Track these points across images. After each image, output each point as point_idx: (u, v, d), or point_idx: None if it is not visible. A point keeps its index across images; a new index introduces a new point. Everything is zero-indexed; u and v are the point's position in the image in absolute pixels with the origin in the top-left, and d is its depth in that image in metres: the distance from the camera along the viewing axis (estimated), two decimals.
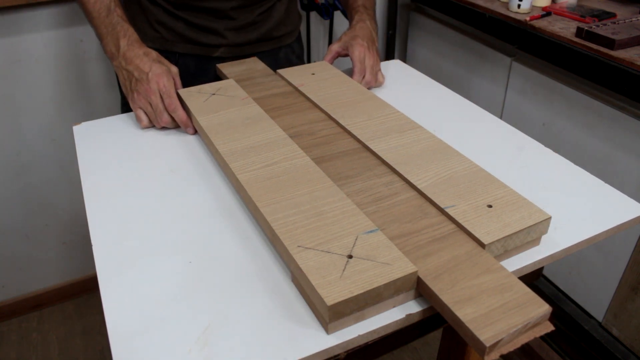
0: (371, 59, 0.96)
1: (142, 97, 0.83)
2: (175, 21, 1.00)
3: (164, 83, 0.82)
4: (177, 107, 0.82)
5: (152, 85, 0.82)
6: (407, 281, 0.51)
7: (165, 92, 0.82)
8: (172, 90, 0.83)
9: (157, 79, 0.82)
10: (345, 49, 0.99)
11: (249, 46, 1.04)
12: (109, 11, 0.89)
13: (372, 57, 0.96)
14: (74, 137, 0.83)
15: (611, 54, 1.08)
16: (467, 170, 0.66)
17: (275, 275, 0.57)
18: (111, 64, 0.89)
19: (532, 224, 0.57)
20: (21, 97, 1.39)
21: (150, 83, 0.82)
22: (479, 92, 1.54)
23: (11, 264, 1.61)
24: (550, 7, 1.33)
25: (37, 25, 1.32)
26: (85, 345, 1.59)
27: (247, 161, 0.68)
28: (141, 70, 0.83)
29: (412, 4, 1.77)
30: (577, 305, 1.41)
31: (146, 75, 0.82)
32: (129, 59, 0.85)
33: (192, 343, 0.49)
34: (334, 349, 0.49)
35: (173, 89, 0.83)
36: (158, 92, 0.82)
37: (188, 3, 0.97)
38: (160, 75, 0.82)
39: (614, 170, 1.20)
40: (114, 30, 0.87)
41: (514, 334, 0.47)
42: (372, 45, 0.98)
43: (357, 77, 0.94)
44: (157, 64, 0.84)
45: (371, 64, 0.96)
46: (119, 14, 0.89)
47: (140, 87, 0.82)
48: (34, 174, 1.51)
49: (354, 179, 0.67)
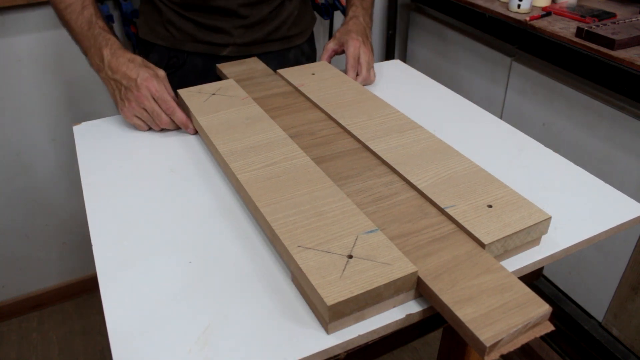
0: (366, 54, 0.96)
1: (135, 105, 0.81)
2: (184, 21, 1.00)
3: (155, 87, 0.80)
4: (174, 109, 0.81)
5: (142, 92, 0.80)
6: (407, 281, 0.51)
7: (158, 96, 0.80)
8: (165, 93, 0.81)
9: (146, 84, 0.80)
10: (341, 46, 0.99)
11: (257, 46, 1.04)
12: (91, 24, 0.86)
13: (368, 53, 0.97)
14: (74, 137, 0.83)
15: (611, 54, 1.08)
16: (467, 170, 0.66)
17: (275, 275, 0.57)
18: (99, 76, 0.86)
19: (532, 224, 0.57)
20: (21, 97, 1.39)
21: (141, 89, 0.80)
22: (479, 92, 1.54)
23: (11, 264, 1.61)
24: (550, 7, 1.33)
25: (37, 25, 1.32)
26: (85, 345, 1.59)
27: (247, 161, 0.68)
28: (129, 78, 0.81)
29: (412, 4, 1.77)
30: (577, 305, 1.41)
31: (135, 82, 0.80)
32: (114, 68, 0.82)
33: (192, 343, 0.49)
34: (334, 349, 0.49)
35: (165, 91, 0.81)
36: (151, 96, 0.80)
37: (196, 3, 0.97)
38: (149, 80, 0.80)
39: (614, 170, 1.20)
40: (96, 42, 0.85)
41: (514, 334, 0.47)
42: (366, 41, 0.98)
43: (350, 74, 0.95)
44: (144, 68, 0.82)
45: (367, 60, 0.96)
46: (101, 25, 0.87)
47: (131, 95, 0.81)
48: (34, 174, 1.51)
49: (354, 179, 0.67)
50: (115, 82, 0.83)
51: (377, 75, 1.01)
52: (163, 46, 1.01)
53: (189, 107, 0.81)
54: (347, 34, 0.98)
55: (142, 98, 0.80)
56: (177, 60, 1.02)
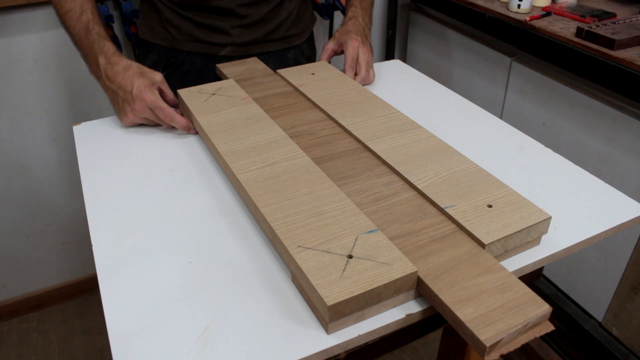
0: (365, 54, 0.96)
1: (132, 117, 0.82)
2: (183, 20, 1.00)
3: (150, 98, 0.80)
4: (173, 116, 0.81)
5: (138, 105, 0.80)
6: (407, 281, 0.51)
7: (154, 106, 0.80)
8: (161, 101, 0.81)
9: (141, 96, 0.80)
10: (340, 46, 0.99)
11: (256, 45, 1.04)
12: (88, 30, 0.86)
13: (367, 53, 0.97)
14: (74, 137, 0.83)
15: (611, 54, 1.08)
16: (467, 170, 0.66)
17: (275, 275, 0.57)
18: (99, 83, 0.87)
19: (532, 223, 0.57)
20: (21, 97, 1.39)
21: (136, 102, 0.80)
22: (479, 92, 1.54)
23: (11, 264, 1.61)
24: (550, 7, 1.33)
25: (37, 25, 1.32)
26: (85, 345, 1.59)
27: (247, 161, 0.68)
28: (125, 90, 0.81)
29: (412, 4, 1.77)
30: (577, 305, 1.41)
31: (131, 95, 0.80)
32: (110, 77, 0.82)
33: (192, 343, 0.49)
34: (334, 349, 0.49)
35: (160, 100, 0.81)
36: (148, 108, 0.81)
37: (194, 3, 0.97)
38: (144, 92, 0.80)
39: (614, 170, 1.20)
40: (92, 49, 0.85)
41: (514, 334, 0.47)
42: (365, 41, 0.98)
43: (349, 73, 0.95)
44: (139, 78, 0.81)
45: (366, 59, 0.96)
46: (97, 31, 0.86)
47: (128, 107, 0.81)
48: (34, 174, 1.51)
49: (354, 179, 0.67)
50: (113, 92, 0.83)
51: (377, 75, 1.01)
52: (162, 46, 1.01)
53: (189, 107, 0.81)
54: (346, 34, 0.98)
55: (139, 110, 0.81)
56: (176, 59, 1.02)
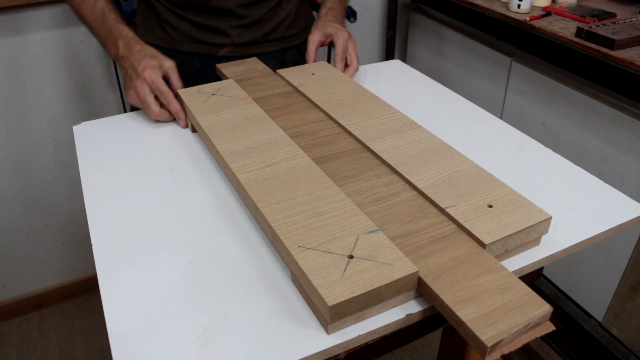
0: (353, 44, 1.00)
1: (133, 93, 0.85)
2: (181, 21, 1.00)
3: (152, 78, 0.83)
4: (170, 100, 0.84)
5: (138, 82, 0.83)
6: (408, 281, 0.51)
7: (155, 87, 0.84)
8: (162, 83, 0.84)
9: (144, 74, 0.83)
10: (327, 37, 1.01)
11: (255, 46, 1.04)
12: (104, 16, 0.92)
13: (354, 43, 1.00)
14: (74, 137, 0.83)
15: (611, 54, 1.08)
16: (467, 170, 0.66)
17: (275, 275, 0.57)
18: (117, 64, 0.92)
19: (533, 223, 0.57)
20: (21, 97, 1.39)
21: (139, 79, 0.84)
22: (479, 92, 1.54)
23: (11, 264, 1.61)
24: (550, 7, 1.33)
25: (37, 25, 1.32)
26: (85, 345, 1.59)
27: (247, 161, 0.68)
28: (133, 67, 0.85)
29: (412, 4, 1.77)
30: (577, 305, 1.41)
31: (135, 72, 0.84)
32: (125, 57, 0.87)
33: (192, 343, 0.49)
34: (334, 349, 0.49)
35: (161, 81, 0.84)
36: (147, 86, 0.83)
37: (192, 3, 0.97)
38: (148, 70, 0.83)
39: (614, 170, 1.20)
40: (111, 33, 0.90)
41: (515, 334, 0.47)
42: (347, 29, 1.02)
43: (339, 65, 0.98)
44: (149, 58, 0.85)
45: (354, 48, 0.99)
46: (113, 17, 0.92)
47: (131, 83, 0.85)
48: (34, 174, 1.51)
49: (354, 179, 0.67)
50: (125, 70, 0.88)
51: (377, 75, 1.02)
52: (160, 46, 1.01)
53: (188, 107, 0.81)
54: (331, 26, 1.01)
55: (139, 87, 0.84)
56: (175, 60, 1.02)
